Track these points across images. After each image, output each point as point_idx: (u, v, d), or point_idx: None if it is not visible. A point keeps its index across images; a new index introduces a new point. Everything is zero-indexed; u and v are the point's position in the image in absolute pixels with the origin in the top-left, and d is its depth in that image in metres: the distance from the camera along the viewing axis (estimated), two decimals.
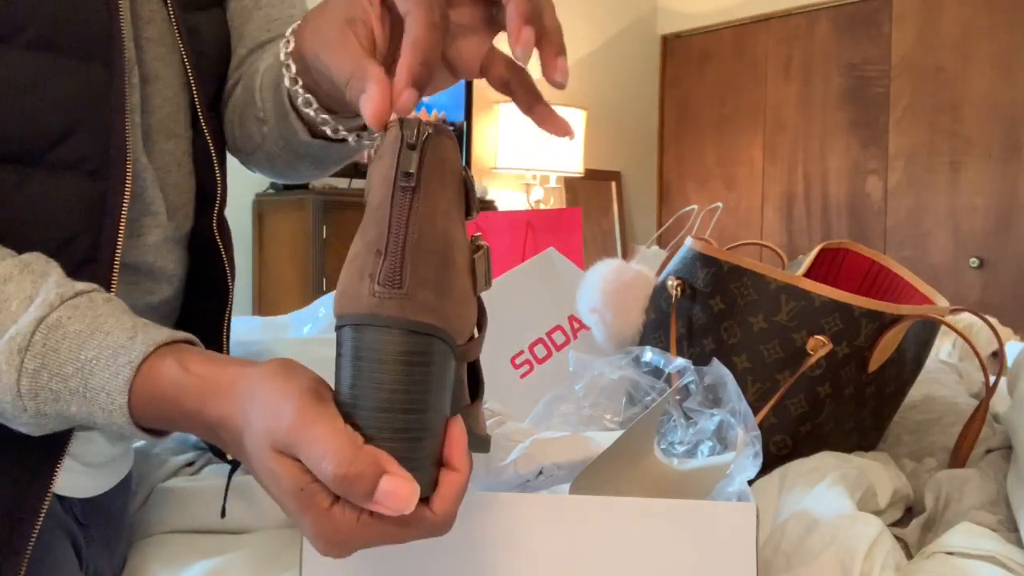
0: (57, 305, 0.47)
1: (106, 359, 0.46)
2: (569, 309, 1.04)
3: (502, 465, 0.72)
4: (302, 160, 0.69)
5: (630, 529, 0.59)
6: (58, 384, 0.47)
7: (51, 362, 0.46)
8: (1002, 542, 0.70)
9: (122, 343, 0.47)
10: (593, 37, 3.95)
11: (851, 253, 1.14)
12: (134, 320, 0.49)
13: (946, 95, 3.30)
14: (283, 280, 3.08)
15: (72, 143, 0.58)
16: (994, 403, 1.01)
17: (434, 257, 0.42)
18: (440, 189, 0.43)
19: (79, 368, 0.46)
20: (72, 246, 0.58)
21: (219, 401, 0.44)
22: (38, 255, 0.51)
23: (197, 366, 0.46)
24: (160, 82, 0.67)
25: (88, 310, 0.48)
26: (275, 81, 0.65)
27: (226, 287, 0.72)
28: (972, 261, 3.24)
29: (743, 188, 3.94)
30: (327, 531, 0.42)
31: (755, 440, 0.68)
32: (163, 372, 0.46)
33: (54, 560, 0.61)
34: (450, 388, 0.44)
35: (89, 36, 0.58)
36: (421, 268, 0.41)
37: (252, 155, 0.75)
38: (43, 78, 0.57)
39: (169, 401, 0.46)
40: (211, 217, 0.71)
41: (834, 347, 0.87)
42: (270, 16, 0.75)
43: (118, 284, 0.60)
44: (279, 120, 0.66)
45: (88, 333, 0.47)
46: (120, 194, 0.59)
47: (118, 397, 0.46)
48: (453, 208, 0.44)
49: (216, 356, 0.47)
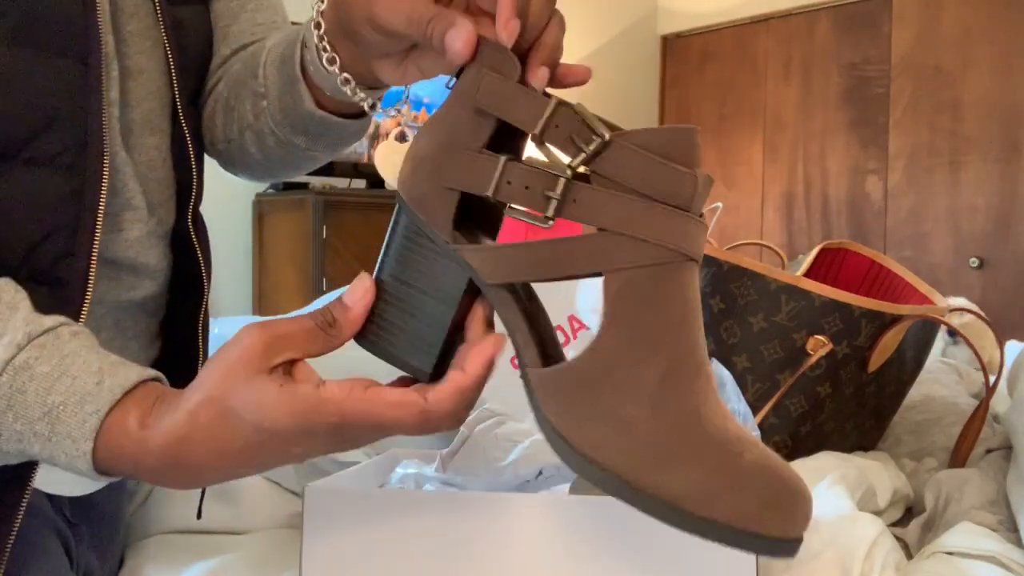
0: (24, 345, 0.47)
1: (73, 405, 0.46)
2: (569, 309, 1.04)
3: (502, 465, 0.72)
4: (297, 136, 0.69)
5: (630, 529, 0.59)
6: (23, 426, 0.47)
7: (17, 403, 0.46)
8: (1002, 542, 0.70)
9: (89, 389, 0.47)
10: (593, 37, 3.95)
11: (851, 253, 1.14)
12: (100, 360, 0.48)
13: (946, 95, 3.30)
14: (283, 280, 3.08)
15: (48, 138, 0.58)
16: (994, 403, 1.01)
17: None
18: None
19: (46, 412, 0.46)
20: (50, 241, 0.58)
21: (184, 446, 0.45)
22: (7, 282, 0.51)
23: (154, 420, 0.46)
24: (144, 76, 0.67)
25: (55, 349, 0.48)
26: (282, 55, 0.66)
27: (202, 284, 0.73)
28: (972, 261, 3.24)
29: (743, 188, 3.94)
30: (327, 414, 0.43)
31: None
32: (127, 429, 0.46)
33: (41, 557, 0.61)
34: (441, 276, 0.46)
35: (65, 31, 0.58)
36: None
37: (236, 140, 0.74)
38: (19, 73, 0.56)
39: (131, 461, 0.47)
40: (186, 214, 0.71)
41: (834, 347, 0.87)
42: (254, 20, 0.76)
43: (100, 279, 0.60)
44: (284, 91, 0.66)
45: (55, 376, 0.47)
46: (97, 189, 0.59)
47: (83, 444, 0.46)
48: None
49: (173, 400, 0.47)
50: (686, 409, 0.42)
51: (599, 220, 0.42)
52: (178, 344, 0.75)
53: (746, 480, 0.41)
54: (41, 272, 0.58)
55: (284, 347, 0.45)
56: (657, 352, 0.42)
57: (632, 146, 0.42)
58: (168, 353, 0.75)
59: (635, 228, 0.41)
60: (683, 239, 0.42)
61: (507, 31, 0.45)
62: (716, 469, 0.41)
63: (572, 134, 0.42)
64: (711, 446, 0.41)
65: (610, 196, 0.42)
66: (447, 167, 0.45)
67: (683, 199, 0.42)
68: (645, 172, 0.42)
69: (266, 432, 0.44)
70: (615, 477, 0.41)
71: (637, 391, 0.42)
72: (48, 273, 0.58)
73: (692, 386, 0.42)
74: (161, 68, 0.68)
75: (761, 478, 0.41)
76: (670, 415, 0.41)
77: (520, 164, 0.44)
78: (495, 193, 0.43)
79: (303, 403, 0.44)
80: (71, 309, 0.57)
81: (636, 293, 0.42)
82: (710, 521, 0.40)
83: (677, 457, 0.41)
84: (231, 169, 0.79)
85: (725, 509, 0.40)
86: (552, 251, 0.43)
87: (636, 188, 0.42)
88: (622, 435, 0.41)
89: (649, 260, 0.41)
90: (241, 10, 0.76)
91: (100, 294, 0.63)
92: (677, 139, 0.42)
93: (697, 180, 0.42)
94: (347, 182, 3.07)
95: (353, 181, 3.07)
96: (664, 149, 0.42)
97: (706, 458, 0.41)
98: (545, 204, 0.43)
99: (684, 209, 0.42)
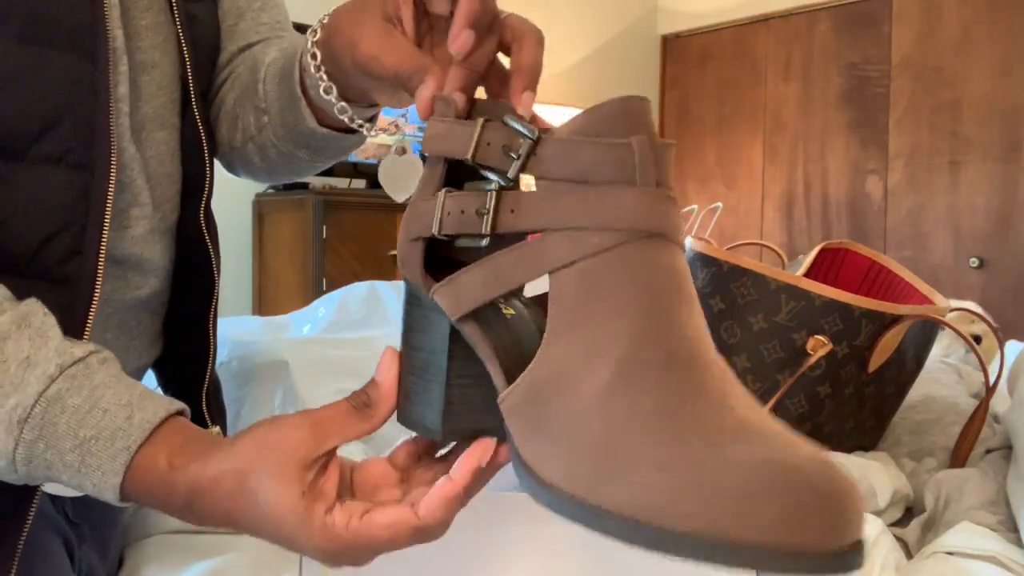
0: (56, 376, 0.48)
1: (104, 440, 0.47)
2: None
3: None
4: (299, 150, 0.70)
5: None
6: (53, 455, 0.48)
7: (48, 435, 0.47)
8: (1002, 542, 0.70)
9: (119, 424, 0.48)
10: (593, 37, 3.95)
11: (851, 253, 1.14)
12: (130, 392, 0.49)
13: (946, 95, 3.30)
14: (283, 280, 3.08)
15: (56, 136, 0.58)
16: (994, 403, 1.01)
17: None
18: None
19: (77, 445, 0.47)
20: (58, 239, 0.58)
21: (203, 497, 0.46)
22: (36, 305, 0.51)
23: (183, 462, 0.47)
24: (156, 70, 0.67)
25: (85, 380, 0.49)
26: (282, 72, 0.67)
27: (212, 279, 0.73)
28: (972, 261, 3.24)
29: (743, 188, 3.94)
30: (325, 541, 0.44)
31: None
32: (155, 466, 0.47)
33: (45, 558, 0.61)
34: (443, 336, 0.45)
35: (72, 27, 0.58)
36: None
37: (239, 149, 0.75)
38: (27, 70, 0.57)
39: (157, 498, 0.48)
40: (198, 208, 0.71)
41: (834, 347, 0.87)
42: (259, 20, 0.77)
43: (106, 278, 0.60)
44: (285, 108, 0.67)
45: (86, 409, 0.48)
46: (105, 186, 0.59)
47: (112, 478, 0.47)
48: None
49: (201, 443, 0.48)
50: (647, 404, 0.36)
51: (540, 222, 0.39)
52: (184, 342, 0.75)
53: (747, 482, 0.33)
54: (49, 270, 0.58)
55: (325, 436, 0.45)
56: (609, 347, 0.37)
57: (562, 136, 0.39)
58: (173, 352, 0.75)
59: (573, 219, 0.38)
60: (633, 216, 0.37)
61: (456, 45, 0.47)
62: (689, 470, 0.34)
63: (505, 146, 0.41)
64: (686, 444, 0.34)
65: (544, 194, 0.39)
66: (409, 221, 0.45)
67: (624, 172, 0.38)
68: (575, 157, 0.38)
69: (271, 525, 0.45)
70: (570, 499, 0.36)
71: (580, 392, 0.37)
72: (56, 271, 0.58)
73: (660, 375, 0.36)
74: (173, 62, 0.68)
75: (769, 478, 0.33)
76: (622, 414, 0.36)
77: (454, 192, 0.42)
78: (441, 229, 0.42)
79: (308, 524, 0.44)
80: (80, 308, 0.58)
81: (581, 287, 0.38)
82: (682, 535, 0.33)
83: (630, 462, 0.35)
84: (233, 171, 0.80)
85: (707, 519, 0.33)
86: (495, 266, 0.40)
87: (571, 177, 0.38)
88: (562, 444, 0.37)
89: (592, 249, 0.38)
90: (248, 8, 0.77)
91: (106, 293, 0.63)
92: (612, 112, 0.38)
93: (633, 147, 0.38)
94: (347, 182, 3.07)
95: (353, 181, 3.07)
96: (597, 127, 0.38)
97: (674, 459, 0.34)
98: (480, 223, 0.41)
99: (629, 183, 0.38)
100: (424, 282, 0.44)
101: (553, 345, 0.38)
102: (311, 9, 0.57)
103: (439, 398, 0.45)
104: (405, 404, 0.47)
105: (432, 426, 0.46)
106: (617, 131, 0.38)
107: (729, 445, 0.34)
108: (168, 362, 0.76)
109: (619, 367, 0.36)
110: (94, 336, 0.63)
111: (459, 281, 0.42)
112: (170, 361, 0.75)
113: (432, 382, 0.46)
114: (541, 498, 0.38)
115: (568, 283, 0.38)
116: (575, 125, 0.39)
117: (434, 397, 0.45)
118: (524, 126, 0.40)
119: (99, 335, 0.65)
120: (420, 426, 0.47)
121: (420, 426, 0.47)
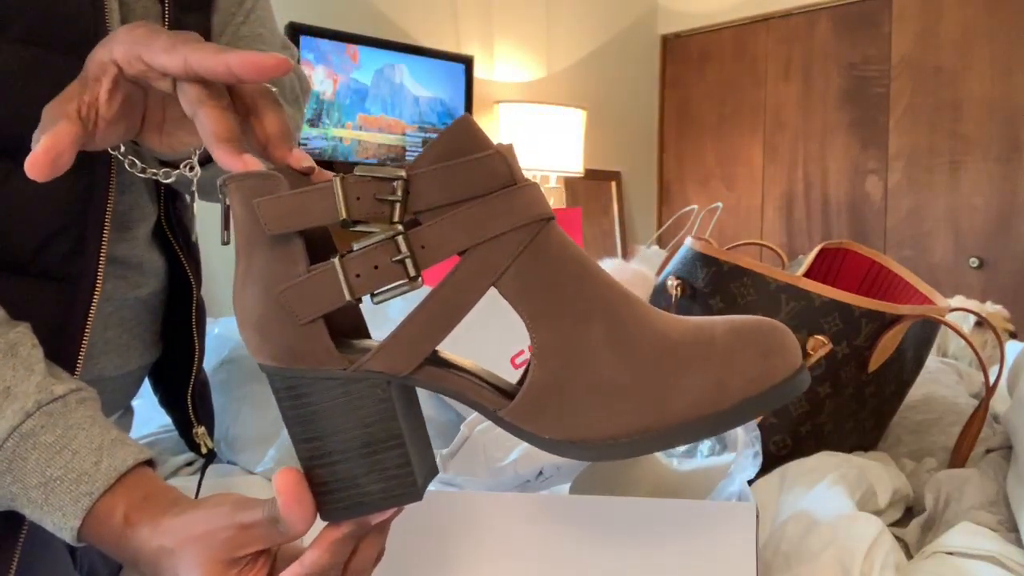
0: (33, 413, 0.49)
1: (70, 482, 0.48)
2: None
3: (502, 465, 0.72)
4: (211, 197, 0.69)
5: (630, 529, 0.59)
6: (18, 489, 0.48)
7: (17, 468, 0.48)
8: (1002, 542, 0.70)
9: (86, 469, 0.48)
10: (593, 37, 3.95)
11: (851, 253, 1.14)
12: (103, 436, 0.50)
13: (946, 95, 3.30)
14: None
15: None
16: (994, 403, 1.01)
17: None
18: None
19: (43, 483, 0.48)
20: (59, 240, 0.58)
21: (144, 562, 0.47)
22: (25, 334, 0.51)
23: (138, 521, 0.47)
24: None
25: (61, 419, 0.49)
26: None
27: (188, 284, 0.73)
28: (972, 261, 3.24)
29: (743, 188, 3.94)
30: None
31: (755, 440, 0.68)
32: (111, 518, 0.48)
33: (47, 557, 0.61)
34: (336, 415, 0.43)
35: (75, 31, 0.58)
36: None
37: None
38: (30, 73, 0.57)
39: (108, 546, 0.49)
40: (166, 213, 0.72)
41: (834, 347, 0.87)
42: (238, 33, 0.76)
43: (108, 278, 0.60)
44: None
45: (57, 449, 0.48)
46: (106, 187, 0.59)
47: (72, 520, 0.48)
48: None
49: (159, 504, 0.48)
50: (647, 336, 0.42)
51: (455, 247, 0.41)
52: (169, 345, 0.75)
53: (734, 353, 0.41)
54: (51, 269, 0.58)
55: (250, 540, 0.45)
56: (587, 311, 0.41)
57: (429, 167, 0.41)
58: (167, 353, 0.76)
59: (487, 229, 0.41)
60: (531, 208, 0.42)
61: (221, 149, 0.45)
62: (706, 363, 0.41)
63: (375, 195, 0.41)
64: (687, 348, 0.41)
65: (447, 220, 0.41)
66: (293, 306, 0.42)
67: (505, 177, 0.41)
68: (457, 178, 0.41)
69: None
70: (641, 436, 0.41)
71: (596, 354, 0.41)
72: (58, 270, 0.58)
73: (635, 314, 0.42)
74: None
75: (740, 341, 0.42)
76: (639, 351, 0.41)
77: (353, 253, 0.42)
78: (354, 292, 0.42)
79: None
80: (80, 306, 0.58)
81: (530, 279, 0.41)
82: (735, 408, 0.41)
83: (672, 379, 0.41)
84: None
85: (737, 389, 0.41)
86: (438, 302, 0.41)
87: (461, 197, 0.41)
88: (616, 397, 0.41)
89: (518, 247, 0.41)
90: (231, 20, 0.76)
91: (108, 292, 0.63)
92: (458, 134, 0.41)
93: (503, 153, 0.42)
94: None
95: None
96: (456, 150, 0.41)
97: (692, 360, 0.41)
98: (403, 269, 0.41)
99: (516, 183, 0.42)
100: (341, 362, 0.42)
101: (542, 333, 0.42)
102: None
103: (403, 461, 0.44)
104: (342, 500, 0.44)
105: (406, 493, 0.44)
106: (471, 147, 0.41)
107: (704, 331, 0.42)
108: (161, 365, 0.76)
109: (603, 314, 0.41)
110: (97, 334, 0.63)
111: (400, 338, 0.42)
112: (158, 363, 0.76)
113: (380, 453, 0.44)
114: (605, 456, 0.42)
115: (513, 284, 0.41)
116: (431, 156, 0.41)
117: (391, 467, 0.44)
118: (383, 171, 0.41)
119: (101, 333, 0.66)
120: (387, 505, 0.45)
121: (387, 505, 0.45)
